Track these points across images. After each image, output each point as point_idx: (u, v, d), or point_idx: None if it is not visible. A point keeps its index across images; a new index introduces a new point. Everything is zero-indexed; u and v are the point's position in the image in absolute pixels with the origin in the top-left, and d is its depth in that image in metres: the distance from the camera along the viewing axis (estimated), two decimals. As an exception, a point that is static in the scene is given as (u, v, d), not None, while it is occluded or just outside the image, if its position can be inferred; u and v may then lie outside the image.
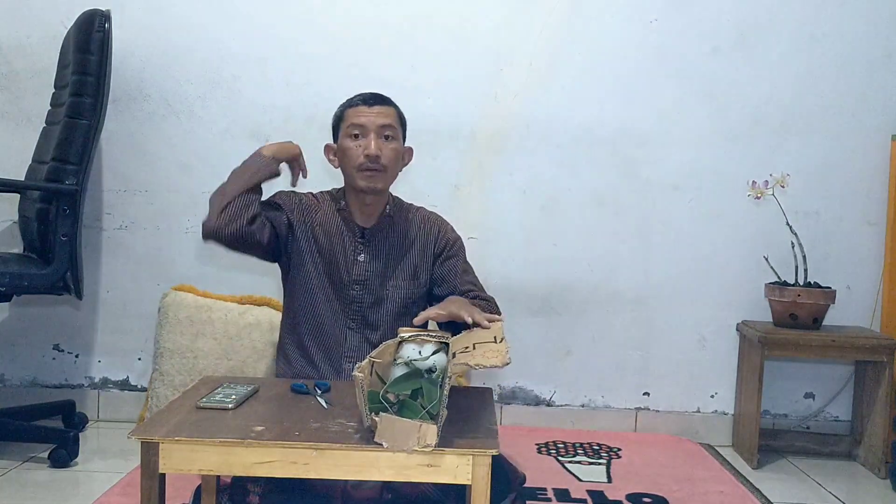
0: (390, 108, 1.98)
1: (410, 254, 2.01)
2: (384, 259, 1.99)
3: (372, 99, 1.97)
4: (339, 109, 2.01)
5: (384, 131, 1.94)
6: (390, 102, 2.00)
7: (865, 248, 2.93)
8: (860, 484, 2.64)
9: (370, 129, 1.92)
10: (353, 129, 1.94)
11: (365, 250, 1.99)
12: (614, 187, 2.94)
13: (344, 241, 1.98)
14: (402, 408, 1.40)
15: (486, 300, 1.95)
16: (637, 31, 2.90)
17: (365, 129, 1.93)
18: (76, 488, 2.31)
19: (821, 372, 2.98)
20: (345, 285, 1.97)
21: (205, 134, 2.92)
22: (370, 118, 1.93)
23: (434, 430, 1.33)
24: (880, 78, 2.89)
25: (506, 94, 2.92)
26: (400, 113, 2.01)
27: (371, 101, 1.96)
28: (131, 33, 2.83)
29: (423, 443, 1.33)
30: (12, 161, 2.79)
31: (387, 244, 2.01)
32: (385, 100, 1.99)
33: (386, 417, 1.34)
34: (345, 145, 1.96)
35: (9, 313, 2.96)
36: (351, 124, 1.94)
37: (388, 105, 1.98)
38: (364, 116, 1.93)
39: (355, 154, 1.93)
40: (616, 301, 2.97)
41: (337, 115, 2.01)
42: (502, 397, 3.01)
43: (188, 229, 2.93)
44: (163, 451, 1.36)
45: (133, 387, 2.98)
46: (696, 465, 2.68)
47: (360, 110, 1.95)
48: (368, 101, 1.96)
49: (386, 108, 1.96)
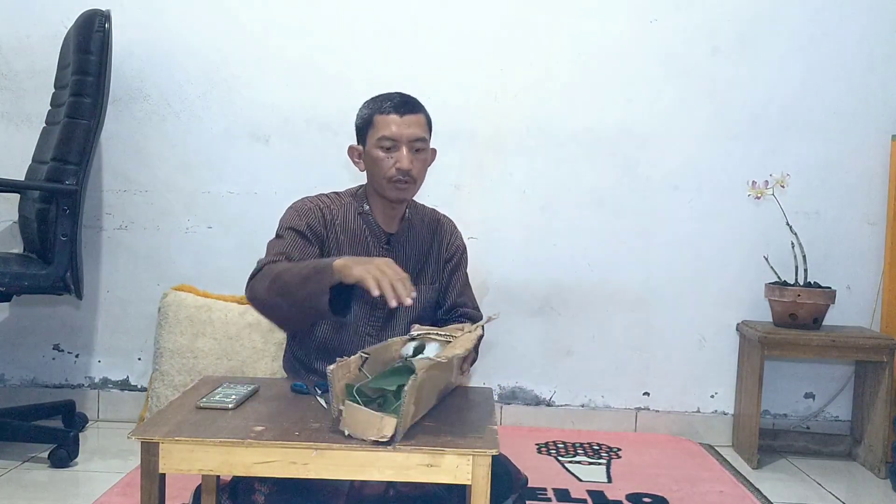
0: (420, 115, 1.89)
1: (429, 260, 1.99)
2: (408, 264, 1.94)
3: (404, 107, 1.87)
4: (366, 112, 1.91)
5: (416, 144, 1.86)
6: (420, 108, 1.91)
7: (865, 248, 2.93)
8: (860, 484, 2.64)
9: (402, 143, 1.84)
10: (384, 141, 1.85)
11: (390, 256, 1.90)
12: (614, 187, 2.94)
13: (369, 247, 1.92)
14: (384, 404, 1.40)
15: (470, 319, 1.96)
16: (637, 31, 2.90)
17: (397, 142, 1.84)
18: (76, 488, 2.31)
19: (821, 372, 2.98)
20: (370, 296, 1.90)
21: (205, 134, 2.92)
22: (402, 130, 1.84)
23: (393, 423, 1.33)
24: (880, 78, 2.89)
25: (506, 94, 2.92)
26: (428, 117, 1.92)
27: (403, 109, 1.86)
28: (131, 33, 2.83)
29: (380, 434, 1.33)
30: (12, 161, 2.79)
31: (408, 249, 1.97)
32: (416, 107, 1.90)
33: (350, 406, 1.35)
34: (375, 154, 1.87)
35: (9, 313, 2.96)
36: (382, 136, 1.85)
37: (418, 113, 1.89)
38: (396, 127, 1.84)
39: (386, 165, 1.85)
40: (616, 301, 2.97)
41: (365, 119, 1.91)
42: (502, 397, 3.01)
43: (188, 229, 2.94)
44: (163, 451, 1.36)
45: (133, 387, 2.98)
46: (696, 465, 2.68)
47: (391, 120, 1.85)
48: (401, 110, 1.86)
49: (417, 117, 1.88)
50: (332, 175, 2.67)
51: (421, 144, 1.88)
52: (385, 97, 1.90)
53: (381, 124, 1.86)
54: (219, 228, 2.94)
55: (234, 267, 2.89)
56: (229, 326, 2.76)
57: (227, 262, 2.91)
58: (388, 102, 1.88)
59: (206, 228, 2.94)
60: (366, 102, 1.94)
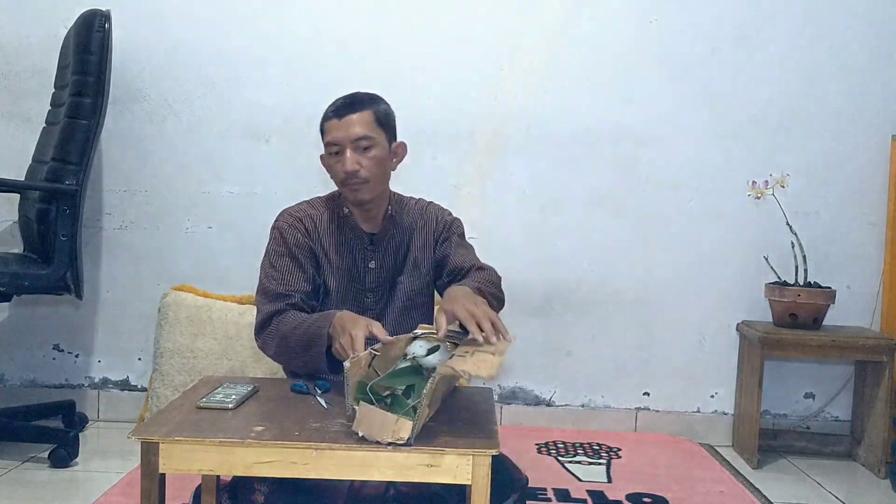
0: (363, 112, 1.86)
1: (411, 248, 1.98)
2: (392, 262, 1.96)
3: (343, 108, 1.86)
4: (321, 120, 1.93)
5: (360, 143, 1.84)
6: (362, 106, 1.87)
7: (865, 248, 2.93)
8: (860, 484, 2.64)
9: (345, 145, 1.84)
10: (330, 147, 1.87)
11: (374, 257, 1.94)
12: (614, 187, 2.94)
13: (354, 252, 1.93)
14: (393, 402, 1.40)
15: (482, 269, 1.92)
16: (637, 31, 2.90)
17: (340, 145, 1.85)
18: (76, 488, 2.31)
19: (821, 372, 2.98)
20: (360, 294, 1.93)
21: (205, 134, 2.92)
22: (341, 133, 1.84)
23: (409, 426, 1.33)
24: (880, 78, 2.89)
25: (506, 94, 2.92)
26: (378, 113, 1.88)
27: (342, 111, 1.85)
28: (131, 33, 2.83)
29: (396, 436, 1.32)
30: (12, 161, 2.79)
31: (393, 246, 1.97)
32: (355, 105, 1.86)
33: (365, 407, 1.35)
34: (328, 163, 1.90)
35: (9, 313, 2.96)
36: (328, 142, 1.87)
37: (359, 111, 1.85)
38: (336, 131, 1.85)
39: (337, 170, 1.87)
40: (616, 301, 2.97)
41: (320, 128, 1.92)
42: (502, 397, 3.01)
43: (188, 229, 2.94)
44: (163, 451, 1.36)
45: (133, 387, 2.98)
46: (696, 465, 2.68)
47: (332, 125, 1.86)
48: (340, 113, 1.85)
49: (358, 116, 1.85)
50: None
51: (366, 142, 1.85)
52: (333, 102, 1.90)
53: (326, 130, 1.88)
54: (219, 228, 2.94)
55: (234, 267, 2.89)
56: (229, 326, 2.76)
57: (227, 262, 2.91)
58: (331, 107, 1.89)
59: (206, 228, 2.94)
60: None
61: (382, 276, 1.95)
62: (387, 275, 1.95)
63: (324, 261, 1.92)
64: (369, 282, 1.94)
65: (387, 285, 1.95)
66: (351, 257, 1.93)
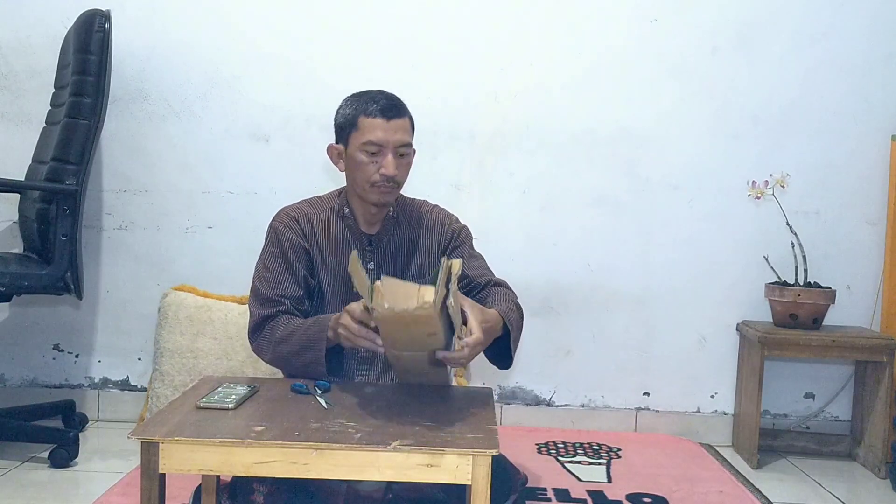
0: (406, 118, 1.85)
1: (417, 254, 1.96)
2: (392, 264, 1.94)
3: (390, 111, 1.82)
4: (350, 112, 1.86)
5: (401, 150, 1.83)
6: (406, 111, 1.86)
7: (865, 248, 2.93)
8: (860, 484, 2.64)
9: (388, 149, 1.81)
10: (370, 146, 1.81)
11: (373, 258, 1.93)
12: (614, 187, 2.94)
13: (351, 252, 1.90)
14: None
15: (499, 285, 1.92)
16: (637, 31, 2.90)
17: (383, 147, 1.81)
18: (76, 488, 2.31)
19: (821, 372, 2.98)
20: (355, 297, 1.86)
21: (205, 134, 2.92)
22: (389, 136, 1.80)
23: (432, 290, 1.37)
24: (880, 78, 2.89)
25: (506, 94, 2.92)
26: (412, 120, 1.89)
27: (390, 113, 1.82)
28: (131, 33, 2.84)
29: (421, 300, 1.36)
30: (12, 161, 2.79)
31: (393, 248, 1.95)
32: (402, 110, 1.85)
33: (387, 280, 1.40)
34: (358, 158, 1.84)
35: (9, 313, 2.96)
36: (368, 141, 1.81)
37: (404, 116, 1.85)
38: (383, 133, 1.80)
39: (370, 170, 1.82)
40: (616, 301, 2.97)
41: (348, 119, 1.86)
42: (502, 397, 3.01)
43: (188, 229, 2.94)
44: (163, 451, 1.36)
45: (133, 387, 2.98)
46: (696, 465, 2.68)
47: (377, 124, 1.80)
48: (388, 114, 1.81)
49: (403, 121, 1.84)
50: (332, 175, 2.67)
51: (406, 150, 1.85)
52: (369, 97, 1.85)
53: (367, 128, 1.81)
54: (219, 228, 2.94)
55: (234, 267, 2.89)
56: (229, 326, 2.76)
57: (227, 262, 2.91)
58: (373, 104, 1.83)
59: (206, 228, 2.94)
60: (348, 100, 1.90)
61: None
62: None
63: (319, 262, 1.91)
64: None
65: None
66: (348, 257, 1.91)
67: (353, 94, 1.90)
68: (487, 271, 1.97)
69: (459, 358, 1.60)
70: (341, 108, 1.90)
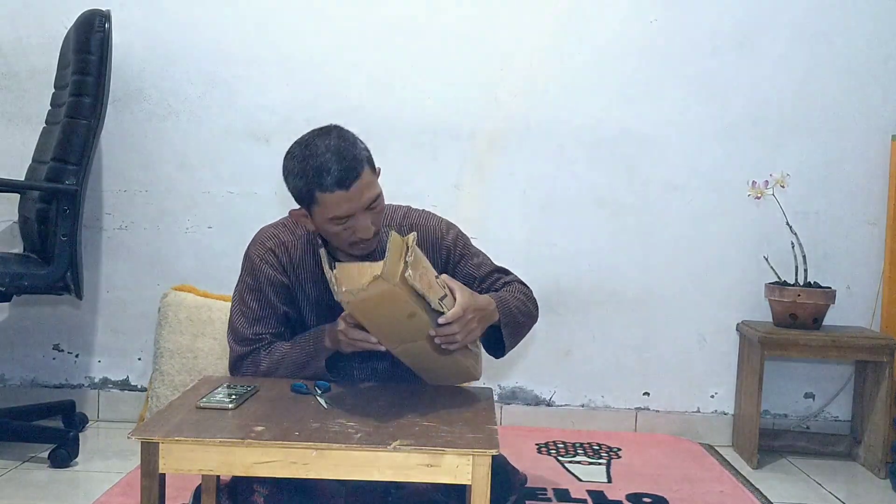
0: (364, 172, 1.64)
1: None
2: None
3: (347, 178, 1.62)
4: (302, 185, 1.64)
5: (370, 204, 1.67)
6: (361, 164, 1.64)
7: (865, 248, 2.93)
8: (860, 484, 2.64)
9: (358, 213, 1.65)
10: (337, 220, 1.66)
11: None
12: (614, 187, 2.94)
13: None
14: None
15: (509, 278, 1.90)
16: (637, 31, 2.90)
17: (352, 216, 1.66)
18: (76, 488, 2.31)
19: (821, 372, 2.98)
20: None
21: (205, 134, 2.92)
22: (354, 203, 1.63)
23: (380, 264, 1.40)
24: (880, 78, 2.89)
25: (506, 94, 2.92)
26: (370, 161, 1.69)
27: (347, 181, 1.62)
28: (131, 33, 2.84)
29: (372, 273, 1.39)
30: (12, 161, 2.79)
31: None
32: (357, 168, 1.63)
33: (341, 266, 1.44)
34: (329, 230, 1.69)
35: (9, 313, 2.96)
36: (334, 217, 1.65)
37: (361, 172, 1.64)
38: (347, 204, 1.63)
39: (345, 236, 1.69)
40: (616, 301, 2.97)
41: (303, 194, 1.66)
42: (502, 397, 3.01)
43: (188, 229, 2.94)
44: (163, 451, 1.36)
45: (133, 387, 2.98)
46: (696, 465, 2.68)
47: (338, 197, 1.62)
48: (345, 184, 1.61)
49: (363, 178, 1.63)
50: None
51: (376, 203, 1.69)
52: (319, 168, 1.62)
53: (329, 204, 1.64)
54: (219, 228, 2.94)
55: (234, 267, 2.86)
56: (229, 326, 2.76)
57: (227, 262, 2.90)
58: (326, 177, 1.62)
59: (206, 228, 2.94)
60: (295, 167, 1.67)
61: None
62: None
63: (300, 295, 1.84)
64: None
65: None
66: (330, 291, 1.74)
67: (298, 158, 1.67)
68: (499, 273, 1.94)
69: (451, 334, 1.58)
70: (290, 176, 1.69)
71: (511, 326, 1.79)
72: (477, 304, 1.66)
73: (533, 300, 1.90)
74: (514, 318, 1.80)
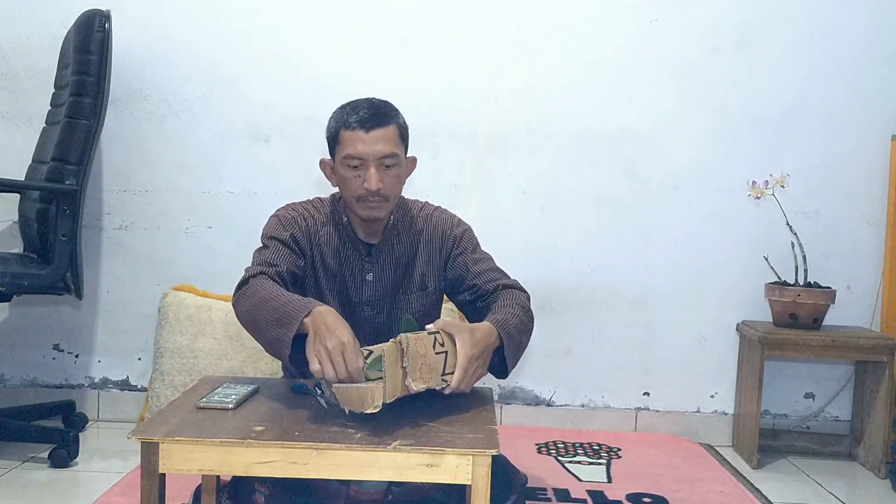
0: (390, 127, 1.75)
1: (417, 264, 1.91)
2: (392, 275, 1.89)
3: (370, 121, 1.73)
4: (333, 124, 1.80)
5: (385, 161, 1.75)
6: (390, 120, 1.76)
7: (865, 248, 2.93)
8: (860, 484, 2.64)
9: (369, 161, 1.74)
10: (351, 160, 1.75)
11: (373, 269, 1.87)
12: (614, 187, 2.94)
13: (351, 261, 1.87)
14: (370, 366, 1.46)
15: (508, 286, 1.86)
16: (637, 31, 2.90)
17: (364, 161, 1.74)
18: (76, 488, 2.31)
19: (821, 372, 2.98)
20: (355, 306, 1.87)
21: (205, 134, 2.92)
22: (369, 148, 1.73)
23: (379, 391, 1.39)
24: (880, 78, 2.89)
25: (506, 94, 2.92)
26: (401, 127, 1.80)
27: (370, 123, 1.73)
28: (131, 33, 2.84)
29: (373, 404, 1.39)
30: (12, 161, 2.79)
31: (393, 259, 1.89)
32: (385, 118, 1.75)
33: (339, 388, 1.43)
34: (342, 174, 1.78)
35: (9, 313, 2.96)
36: (348, 155, 1.74)
37: (387, 125, 1.75)
38: (362, 145, 1.72)
39: (354, 185, 1.76)
40: (616, 301, 2.97)
41: (332, 133, 1.80)
42: (502, 397, 3.01)
43: (188, 229, 2.94)
44: (163, 451, 1.36)
45: (133, 387, 2.98)
46: (696, 465, 2.68)
47: (356, 137, 1.73)
48: (367, 125, 1.73)
49: (385, 131, 1.74)
50: (332, 175, 2.67)
51: (391, 160, 1.76)
52: (351, 108, 1.77)
53: (347, 141, 1.75)
54: (219, 228, 2.94)
55: (234, 267, 2.86)
56: (229, 326, 2.76)
57: (227, 262, 2.91)
58: (353, 115, 1.75)
59: (206, 228, 2.94)
60: (334, 112, 1.82)
61: (381, 289, 1.89)
62: (386, 287, 1.89)
63: (319, 265, 1.87)
64: (367, 294, 1.88)
65: (387, 300, 1.90)
66: (347, 267, 1.87)
67: (340, 106, 1.82)
68: (495, 273, 1.92)
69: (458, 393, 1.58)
70: (329, 121, 1.83)
71: (513, 349, 1.75)
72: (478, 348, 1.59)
73: (529, 312, 1.85)
74: (515, 341, 1.75)
